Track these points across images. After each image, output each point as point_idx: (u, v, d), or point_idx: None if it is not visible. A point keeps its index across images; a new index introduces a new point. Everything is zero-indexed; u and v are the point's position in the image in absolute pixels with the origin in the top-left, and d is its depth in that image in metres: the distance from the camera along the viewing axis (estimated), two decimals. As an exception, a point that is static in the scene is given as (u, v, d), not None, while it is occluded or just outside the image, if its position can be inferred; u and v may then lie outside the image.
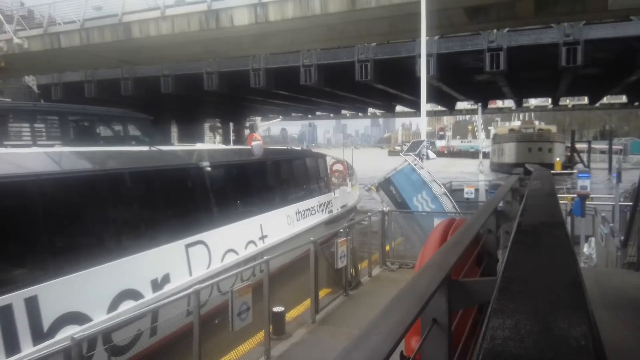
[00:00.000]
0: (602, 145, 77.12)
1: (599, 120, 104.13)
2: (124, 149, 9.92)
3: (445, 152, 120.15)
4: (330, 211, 16.27)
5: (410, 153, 14.07)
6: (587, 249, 12.13)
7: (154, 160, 9.71)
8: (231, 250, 10.32)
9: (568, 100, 52.52)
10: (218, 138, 36.03)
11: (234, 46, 22.80)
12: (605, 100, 47.75)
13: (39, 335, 6.07)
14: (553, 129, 68.34)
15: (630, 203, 10.99)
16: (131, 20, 21.43)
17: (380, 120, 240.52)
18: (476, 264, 3.55)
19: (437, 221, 10.47)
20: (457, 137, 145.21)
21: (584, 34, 21.97)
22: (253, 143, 13.48)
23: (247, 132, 47.65)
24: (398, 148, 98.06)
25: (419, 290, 1.84)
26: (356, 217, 16.64)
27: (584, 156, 62.62)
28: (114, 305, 7.22)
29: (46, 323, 6.20)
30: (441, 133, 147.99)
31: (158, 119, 45.17)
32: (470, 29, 21.82)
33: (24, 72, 30.77)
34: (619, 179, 13.08)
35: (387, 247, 12.47)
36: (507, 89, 33.98)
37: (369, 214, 12.62)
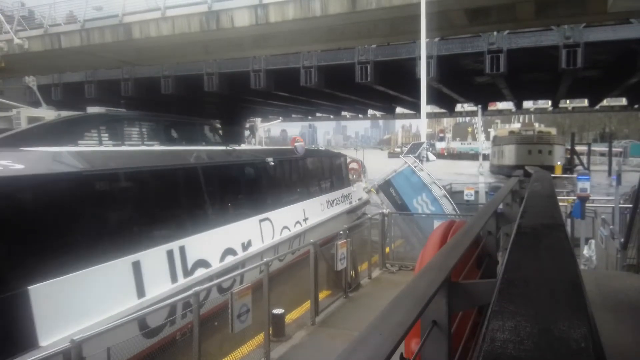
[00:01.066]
0: (602, 148, 77.14)
1: (598, 123, 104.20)
2: (214, 148, 13.11)
3: (445, 153, 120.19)
4: (350, 202, 18.76)
5: (410, 155, 14.07)
6: (587, 251, 12.13)
7: (235, 156, 13.40)
8: (285, 227, 13.17)
9: (568, 103, 52.50)
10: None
11: (235, 47, 22.81)
12: (605, 102, 47.71)
13: (185, 272, 8.99)
14: (553, 131, 68.38)
15: (630, 205, 10.99)
16: (132, 21, 21.45)
17: (380, 122, 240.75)
18: (476, 266, 3.55)
19: (437, 223, 10.48)
20: (457, 139, 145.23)
21: (584, 37, 21.98)
22: (296, 144, 16.06)
23: (247, 133, 47.69)
24: (398, 150, 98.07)
25: (419, 292, 1.84)
26: (369, 210, 19.46)
27: (584, 158, 62.63)
28: (222, 258, 10.22)
29: (189, 264, 9.13)
30: (441, 135, 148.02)
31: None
32: (471, 31, 21.83)
33: (24, 73, 30.79)
34: (618, 181, 13.08)
35: (387, 249, 12.47)
36: (507, 91, 33.99)
37: (369, 215, 12.63)
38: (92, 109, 12.27)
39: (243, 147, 16.47)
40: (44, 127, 10.11)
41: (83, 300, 6.79)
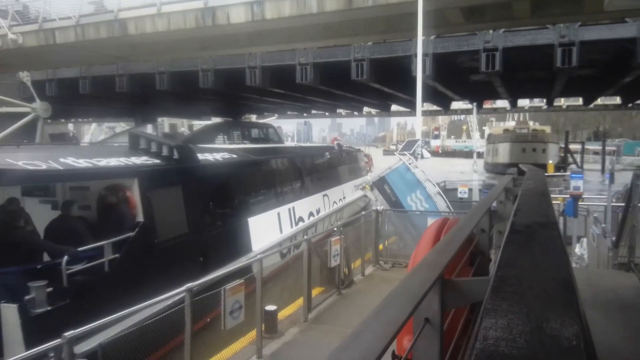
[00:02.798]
0: (596, 147, 77.52)
1: (593, 121, 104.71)
2: (291, 145, 21.10)
3: (440, 151, 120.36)
4: None
5: (405, 152, 14.09)
6: (579, 249, 12.21)
7: (308, 150, 20.91)
8: (335, 202, 19.60)
9: (562, 101, 52.67)
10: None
11: (230, 44, 22.73)
12: (599, 101, 47.87)
13: (294, 223, 15.27)
14: (547, 129, 68.66)
15: (623, 204, 11.06)
16: (127, 17, 21.32)
17: (376, 119, 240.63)
18: (469, 263, 3.56)
19: (430, 220, 10.50)
20: (452, 136, 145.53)
21: (579, 35, 22.03)
22: (336, 142, 23.46)
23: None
24: (393, 147, 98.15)
25: (411, 289, 1.84)
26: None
27: (578, 157, 62.95)
28: (308, 217, 16.59)
29: (296, 217, 15.51)
30: (436, 132, 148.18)
31: (152, 116, 45.10)
32: (467, 29, 21.85)
33: (18, 68, 30.66)
34: (611, 180, 13.16)
35: (381, 246, 12.49)
36: (502, 89, 34.05)
37: (363, 212, 12.64)
38: (208, 119, 20.64)
39: (304, 144, 23.89)
40: (199, 132, 17.12)
41: (262, 229, 13.45)
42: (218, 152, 13.37)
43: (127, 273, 8.34)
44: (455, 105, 52.93)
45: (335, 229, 10.40)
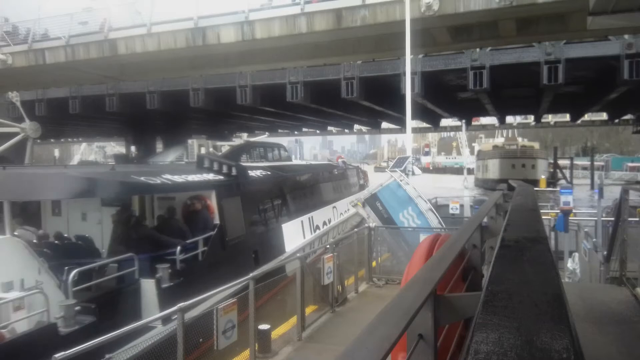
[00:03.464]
0: (584, 162, 78.37)
1: (580, 137, 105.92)
2: (305, 163, 26.73)
3: (431, 168, 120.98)
4: None
5: (396, 169, 14.16)
6: (571, 264, 12.26)
7: (320, 167, 24.05)
8: (341, 213, 21.42)
9: (550, 117, 53.39)
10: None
11: (221, 63, 22.89)
12: (586, 117, 48.58)
13: (313, 230, 17.85)
14: (536, 145, 69.39)
15: (613, 218, 11.15)
16: (117, 37, 21.43)
17: (366, 137, 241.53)
18: (462, 279, 3.58)
19: (422, 237, 10.51)
20: (442, 153, 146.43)
21: (564, 53, 22.46)
22: (339, 160, 26.92)
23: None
24: (384, 164, 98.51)
25: (404, 305, 1.85)
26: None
27: (567, 172, 63.52)
28: (323, 225, 18.92)
29: (314, 225, 18.05)
30: (426, 149, 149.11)
31: (143, 135, 45.06)
32: (454, 48, 22.19)
33: (8, 88, 30.51)
34: (601, 195, 13.29)
35: (374, 263, 12.46)
36: (490, 106, 34.49)
37: (355, 230, 12.64)
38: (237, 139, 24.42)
39: (315, 162, 28.97)
40: (228, 152, 18.58)
41: (291, 234, 15.97)
42: (257, 169, 15.86)
43: (211, 261, 11.01)
44: (445, 122, 53.46)
45: (328, 246, 10.39)
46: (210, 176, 12.62)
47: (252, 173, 14.87)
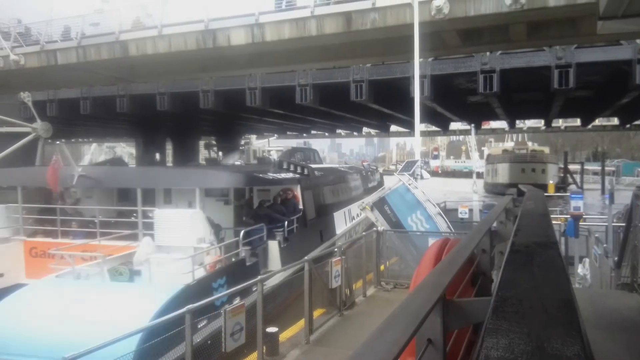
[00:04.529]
0: (595, 167, 77.66)
1: (591, 142, 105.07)
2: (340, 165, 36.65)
3: (440, 171, 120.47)
4: None
5: (405, 173, 14.12)
6: (582, 269, 12.14)
7: (350, 168, 28.31)
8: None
9: (561, 122, 53.01)
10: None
11: (231, 65, 22.96)
12: (597, 122, 48.21)
13: (349, 220, 21.73)
14: (546, 150, 68.86)
15: (624, 224, 11.04)
16: (128, 39, 21.58)
17: (375, 140, 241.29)
18: (471, 284, 3.56)
19: (431, 241, 10.47)
20: (451, 157, 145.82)
21: (575, 57, 22.31)
22: (364, 163, 33.87)
23: (242, 149, 47.79)
24: (392, 167, 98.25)
25: (413, 310, 1.84)
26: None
27: (577, 177, 62.98)
28: (355, 218, 22.10)
29: (351, 216, 21.91)
30: (435, 153, 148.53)
31: (153, 137, 45.30)
32: (464, 52, 22.13)
33: (20, 89, 30.85)
34: (611, 200, 13.17)
35: (382, 267, 12.43)
36: (500, 110, 34.31)
37: (363, 233, 12.62)
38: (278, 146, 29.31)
39: (346, 164, 36.53)
40: (284, 154, 23.12)
41: (339, 221, 19.96)
42: (315, 170, 20.17)
43: (300, 234, 15.31)
44: (454, 125, 53.28)
45: (336, 249, 10.38)
46: (291, 174, 17.42)
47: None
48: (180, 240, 11.23)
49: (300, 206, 16.11)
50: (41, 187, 14.79)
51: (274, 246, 13.71)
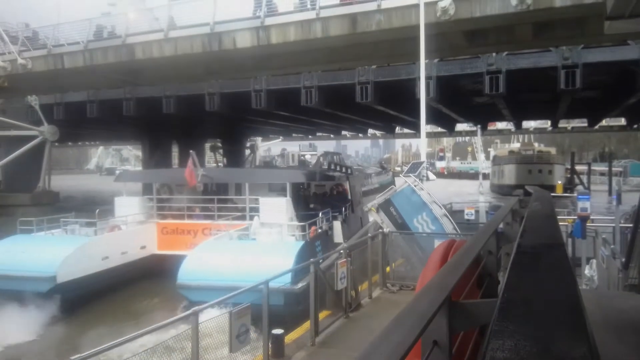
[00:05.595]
0: (602, 168, 77.12)
1: (598, 143, 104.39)
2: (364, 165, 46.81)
3: (445, 173, 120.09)
4: None
5: (410, 174, 14.09)
6: (589, 270, 12.06)
7: (373, 169, 36.82)
8: None
9: (567, 122, 52.72)
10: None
11: (236, 67, 23.03)
12: (604, 122, 47.90)
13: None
14: (553, 150, 68.42)
15: (631, 225, 10.95)
16: (134, 42, 21.69)
17: (380, 141, 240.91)
18: (477, 285, 3.54)
19: (437, 242, 10.44)
20: (457, 158, 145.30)
21: (582, 58, 22.19)
22: (384, 164, 45.85)
23: (247, 152, 47.85)
24: (398, 169, 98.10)
25: (419, 311, 1.84)
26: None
27: (584, 178, 62.58)
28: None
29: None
30: (441, 154, 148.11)
31: (159, 139, 45.45)
32: (470, 52, 22.08)
33: (27, 92, 31.07)
34: (619, 201, 13.08)
35: (388, 269, 12.40)
36: (506, 111, 34.18)
37: (369, 235, 12.60)
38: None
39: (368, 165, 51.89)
40: (320, 156, 25.91)
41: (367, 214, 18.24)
42: (350, 169, 25.04)
43: (350, 217, 19.98)
44: (460, 127, 53.12)
45: (342, 251, 10.37)
46: (340, 172, 22.67)
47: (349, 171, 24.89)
48: (277, 219, 16.36)
49: (349, 197, 21.43)
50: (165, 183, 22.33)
51: (337, 225, 18.41)
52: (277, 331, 7.76)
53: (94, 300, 14.38)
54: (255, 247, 14.83)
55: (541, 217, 4.04)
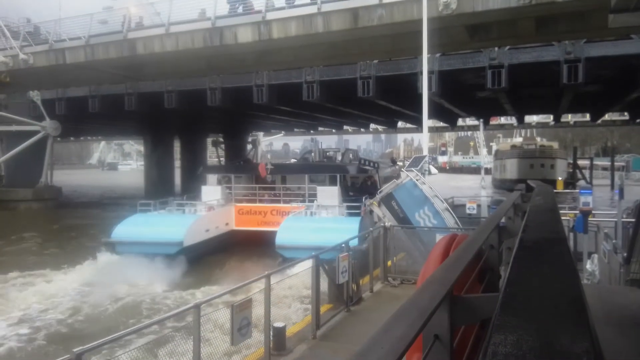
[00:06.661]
0: (604, 162, 76.95)
1: (600, 137, 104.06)
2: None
3: (447, 167, 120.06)
4: None
5: (412, 168, 14.08)
6: (590, 265, 12.06)
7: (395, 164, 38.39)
8: None
9: (570, 117, 52.56)
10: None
11: (238, 62, 23.00)
12: (606, 117, 47.76)
13: None
14: (555, 145, 68.25)
15: (633, 219, 10.94)
16: (136, 37, 21.66)
17: (382, 136, 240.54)
18: (479, 280, 3.54)
19: (439, 236, 10.44)
20: (459, 152, 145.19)
21: (585, 52, 22.10)
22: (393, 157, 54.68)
23: (249, 147, 47.85)
24: (400, 163, 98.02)
25: (420, 305, 1.84)
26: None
27: (587, 173, 62.47)
28: None
29: None
30: (443, 149, 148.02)
31: (161, 134, 45.50)
32: (472, 47, 21.99)
33: (29, 87, 31.09)
34: (621, 195, 13.05)
35: (389, 263, 12.41)
36: (508, 105, 34.10)
37: (371, 229, 12.61)
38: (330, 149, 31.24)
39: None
40: (344, 152, 29.09)
41: None
42: (372, 164, 27.60)
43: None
44: (462, 121, 53.02)
45: (343, 245, 10.39)
46: (370, 167, 25.96)
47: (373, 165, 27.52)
48: (332, 202, 20.40)
49: (378, 186, 22.75)
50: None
51: (375, 207, 20.77)
52: (279, 324, 7.78)
53: (204, 260, 19.08)
54: (327, 220, 19.04)
55: (543, 212, 4.03)
